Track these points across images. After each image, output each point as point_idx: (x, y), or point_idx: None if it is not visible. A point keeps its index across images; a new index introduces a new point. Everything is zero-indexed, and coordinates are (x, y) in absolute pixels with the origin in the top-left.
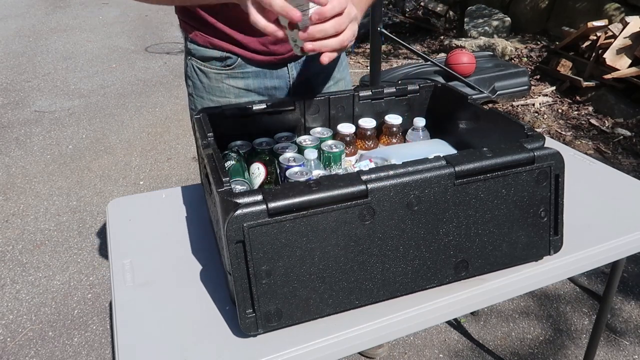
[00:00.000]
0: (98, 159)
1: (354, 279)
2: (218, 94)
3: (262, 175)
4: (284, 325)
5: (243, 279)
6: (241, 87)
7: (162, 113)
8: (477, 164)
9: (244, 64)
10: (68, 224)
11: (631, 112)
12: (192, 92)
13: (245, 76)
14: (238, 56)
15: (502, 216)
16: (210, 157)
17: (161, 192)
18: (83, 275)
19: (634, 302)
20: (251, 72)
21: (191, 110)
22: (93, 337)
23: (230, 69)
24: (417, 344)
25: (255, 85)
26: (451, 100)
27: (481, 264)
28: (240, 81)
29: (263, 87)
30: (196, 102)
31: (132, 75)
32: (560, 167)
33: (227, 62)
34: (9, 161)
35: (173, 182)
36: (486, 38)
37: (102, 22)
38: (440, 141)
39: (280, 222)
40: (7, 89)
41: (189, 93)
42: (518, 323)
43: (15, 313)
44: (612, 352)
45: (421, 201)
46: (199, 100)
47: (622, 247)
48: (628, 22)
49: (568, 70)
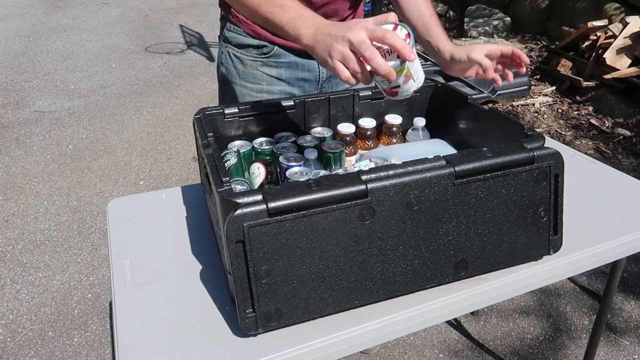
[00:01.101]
0: (98, 159)
1: (354, 278)
2: (252, 80)
3: (262, 175)
4: (283, 325)
5: (243, 279)
6: (274, 75)
7: (162, 113)
8: (477, 164)
9: (279, 54)
10: (68, 224)
11: (631, 112)
12: (225, 79)
13: (278, 65)
14: (275, 45)
15: (502, 216)
16: (210, 157)
17: (161, 192)
18: (83, 275)
19: (634, 302)
20: (284, 62)
21: (221, 98)
22: (93, 337)
23: (266, 57)
24: (417, 344)
25: (287, 75)
26: (451, 100)
27: (481, 264)
28: (274, 70)
29: (294, 77)
30: (229, 87)
31: (132, 75)
32: (560, 167)
33: (264, 50)
34: (9, 161)
35: (173, 182)
36: (486, 38)
37: (102, 22)
38: (440, 141)
39: (280, 222)
40: (7, 89)
41: (220, 81)
42: (518, 323)
43: (15, 313)
44: (612, 352)
45: (421, 201)
46: (231, 86)
47: (622, 247)
48: (628, 22)
49: (568, 70)
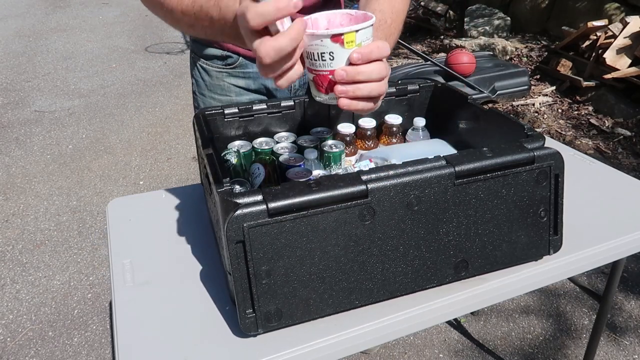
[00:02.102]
0: (98, 158)
1: (354, 279)
2: (219, 92)
3: (262, 175)
4: (284, 325)
5: (243, 279)
6: (242, 86)
7: (162, 113)
8: (477, 164)
9: (244, 64)
10: (68, 223)
11: (631, 112)
12: (196, 90)
13: (245, 76)
14: (239, 56)
15: (502, 216)
16: (210, 157)
17: (161, 192)
18: (83, 275)
19: (634, 302)
20: (252, 72)
21: (195, 108)
22: (93, 337)
23: (232, 67)
24: (417, 343)
25: (256, 86)
26: (451, 100)
27: (481, 264)
28: (241, 80)
29: (264, 87)
30: (199, 100)
31: (132, 75)
32: (560, 167)
33: (228, 61)
34: (9, 161)
35: (173, 182)
36: (486, 38)
37: (102, 22)
38: (440, 141)
39: (280, 222)
40: (7, 89)
41: (193, 91)
42: (518, 322)
43: (15, 313)
44: (612, 352)
45: (421, 201)
46: (202, 97)
47: (622, 247)
48: (628, 22)
49: (568, 70)
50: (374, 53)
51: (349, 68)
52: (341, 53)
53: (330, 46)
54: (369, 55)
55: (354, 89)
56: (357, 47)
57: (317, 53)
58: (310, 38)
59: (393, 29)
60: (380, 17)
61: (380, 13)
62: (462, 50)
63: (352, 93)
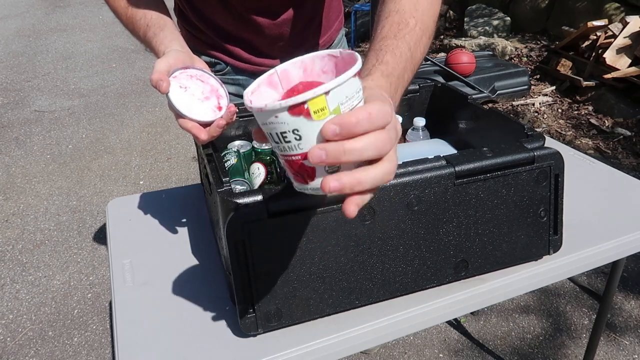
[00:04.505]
0: (98, 158)
1: (354, 279)
2: None
3: (262, 175)
4: (284, 325)
5: (243, 279)
6: (232, 92)
7: (162, 113)
8: (477, 164)
9: (233, 71)
10: (68, 223)
11: (631, 112)
12: None
13: (235, 82)
14: (227, 65)
15: (502, 216)
16: (210, 157)
17: (161, 192)
18: (83, 275)
19: (634, 302)
20: (242, 79)
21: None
22: (93, 337)
23: (222, 74)
24: (417, 343)
25: None
26: (451, 100)
27: (481, 264)
28: (232, 87)
29: None
30: None
31: (132, 75)
32: (560, 167)
33: (217, 68)
34: (9, 161)
35: (173, 182)
36: (486, 38)
37: (102, 22)
38: (440, 141)
39: (280, 222)
40: (7, 88)
41: None
42: (518, 322)
43: (15, 313)
44: (612, 352)
45: (421, 201)
46: None
47: (622, 247)
48: (628, 22)
49: (568, 70)
50: (362, 124)
51: (330, 146)
52: (310, 128)
53: (290, 122)
54: (353, 129)
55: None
56: (334, 116)
57: (276, 134)
58: (260, 115)
59: (419, 32)
60: (398, 19)
61: (398, 14)
62: (462, 50)
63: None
